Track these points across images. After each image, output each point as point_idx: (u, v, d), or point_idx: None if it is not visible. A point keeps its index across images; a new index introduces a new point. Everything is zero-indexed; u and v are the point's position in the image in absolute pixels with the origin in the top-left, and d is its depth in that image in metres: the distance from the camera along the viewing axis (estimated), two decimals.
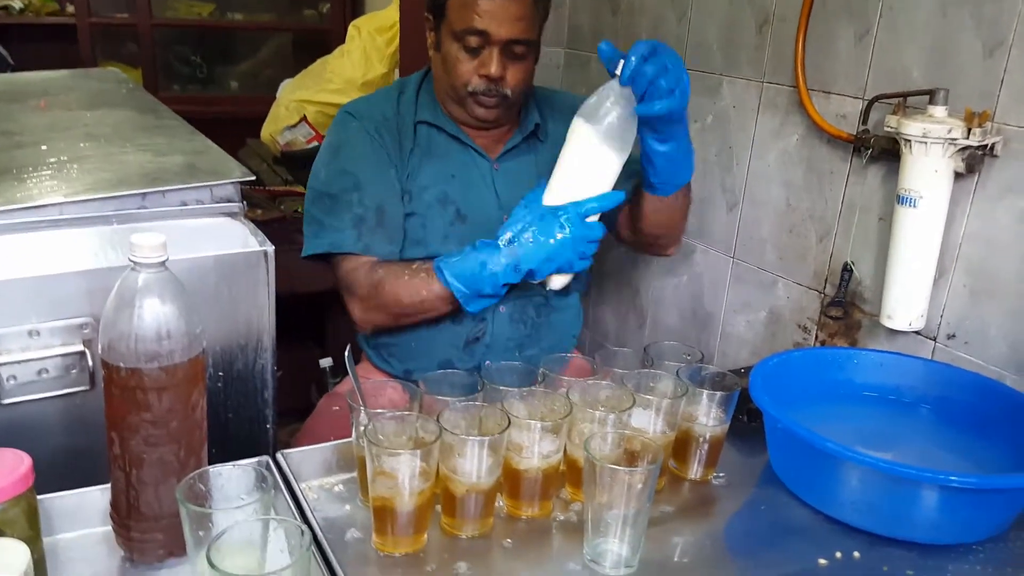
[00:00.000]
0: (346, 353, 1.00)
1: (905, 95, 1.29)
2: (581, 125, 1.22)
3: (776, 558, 0.92)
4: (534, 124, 1.47)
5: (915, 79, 1.31)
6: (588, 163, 1.23)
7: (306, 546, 0.69)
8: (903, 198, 1.25)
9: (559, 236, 1.21)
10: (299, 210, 2.54)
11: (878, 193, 1.39)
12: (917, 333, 1.34)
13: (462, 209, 1.41)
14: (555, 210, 1.22)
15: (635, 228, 1.47)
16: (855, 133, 1.39)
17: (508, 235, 1.24)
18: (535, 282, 1.28)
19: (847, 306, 1.45)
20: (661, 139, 1.24)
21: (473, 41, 1.32)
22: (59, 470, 0.92)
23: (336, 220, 1.35)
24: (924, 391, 1.16)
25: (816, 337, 1.54)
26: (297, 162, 2.67)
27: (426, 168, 1.41)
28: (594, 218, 1.23)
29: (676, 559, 0.91)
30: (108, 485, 0.84)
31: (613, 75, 1.16)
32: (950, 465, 1.05)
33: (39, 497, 0.78)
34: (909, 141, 1.22)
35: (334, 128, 1.44)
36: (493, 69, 1.33)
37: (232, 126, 2.71)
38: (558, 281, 1.29)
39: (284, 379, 1.17)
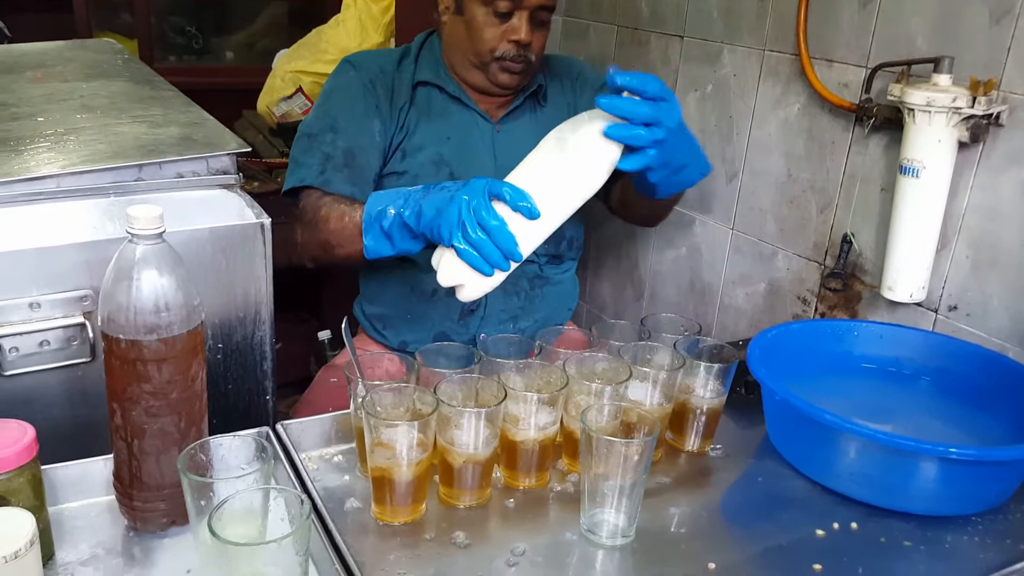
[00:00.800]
0: (343, 325, 1.00)
1: (909, 63, 1.28)
2: (552, 138, 1.11)
3: (773, 529, 0.93)
4: (537, 85, 1.47)
5: (919, 47, 1.30)
6: (541, 176, 1.08)
7: (306, 515, 0.69)
8: (905, 168, 1.24)
9: (457, 193, 1.05)
10: None
11: (880, 163, 1.39)
12: (918, 305, 1.34)
13: (456, 171, 1.41)
14: (479, 178, 1.08)
15: (625, 207, 1.51)
16: (857, 102, 1.38)
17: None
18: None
19: (847, 278, 1.45)
20: (652, 174, 1.18)
21: (503, 6, 1.32)
22: (62, 441, 0.92)
23: (308, 158, 1.36)
24: (924, 363, 1.16)
25: (815, 309, 1.54)
26: (293, 134, 2.64)
27: (423, 128, 1.40)
28: (504, 210, 1.04)
29: (673, 529, 0.91)
30: (111, 455, 0.84)
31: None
32: (949, 437, 1.05)
33: (43, 467, 0.79)
34: (912, 110, 1.21)
35: (332, 75, 1.45)
36: (523, 34, 1.33)
37: (228, 97, 2.69)
38: (444, 274, 1.07)
39: (282, 351, 1.18)
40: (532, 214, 1.04)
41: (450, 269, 1.06)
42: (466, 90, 1.43)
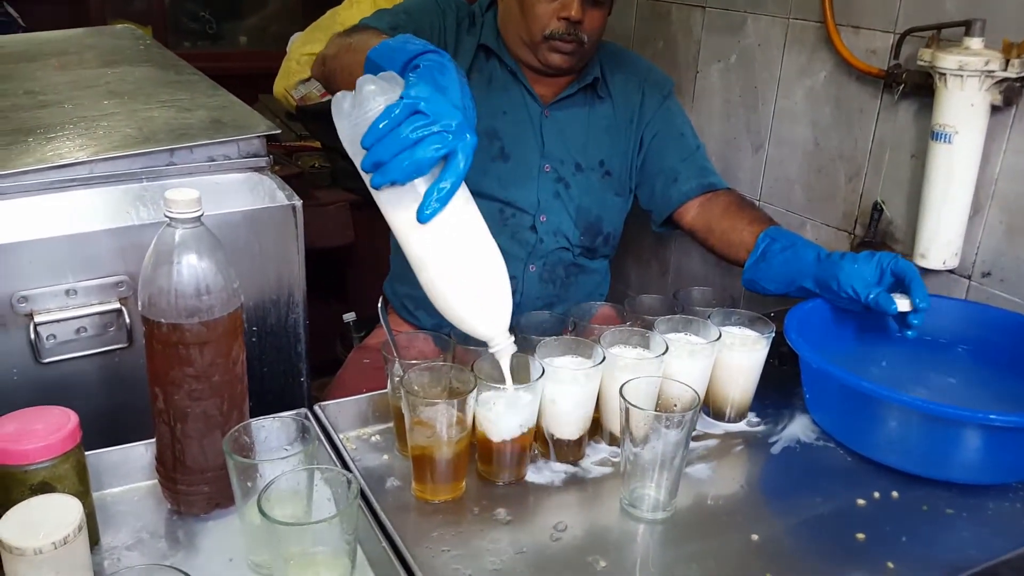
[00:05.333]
0: (379, 305, 1.01)
1: (939, 27, 1.25)
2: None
3: (813, 499, 0.92)
4: (593, 78, 1.43)
5: (949, 10, 1.27)
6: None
7: (354, 495, 0.69)
8: (937, 134, 1.22)
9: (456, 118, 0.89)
10: (316, 165, 2.52)
11: (910, 130, 1.37)
12: (951, 272, 1.32)
13: (507, 147, 1.38)
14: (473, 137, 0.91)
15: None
16: (886, 68, 1.36)
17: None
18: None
19: (878, 246, 1.43)
20: None
21: None
22: (100, 427, 0.93)
23: (376, 20, 1.30)
24: (960, 332, 1.15)
25: None
26: (314, 115, 2.64)
27: (479, 97, 1.37)
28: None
29: (711, 502, 0.91)
30: (152, 440, 0.85)
31: None
32: (988, 405, 1.04)
33: (86, 453, 0.79)
34: (944, 75, 1.19)
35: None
36: (574, 11, 1.29)
37: (243, 82, 2.68)
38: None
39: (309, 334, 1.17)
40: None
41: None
42: (521, 67, 1.40)
